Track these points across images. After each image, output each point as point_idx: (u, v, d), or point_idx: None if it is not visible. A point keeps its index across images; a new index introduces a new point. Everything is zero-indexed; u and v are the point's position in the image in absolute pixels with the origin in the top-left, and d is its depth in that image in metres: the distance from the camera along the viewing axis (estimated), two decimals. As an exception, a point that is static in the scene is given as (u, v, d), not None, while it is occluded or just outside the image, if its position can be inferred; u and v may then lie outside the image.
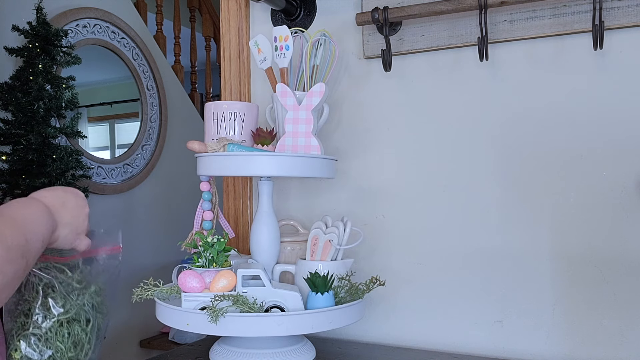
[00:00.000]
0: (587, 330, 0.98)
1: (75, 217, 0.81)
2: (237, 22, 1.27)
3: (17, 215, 0.68)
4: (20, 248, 0.64)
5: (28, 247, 0.66)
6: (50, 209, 0.76)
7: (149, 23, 3.15)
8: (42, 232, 0.71)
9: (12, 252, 0.62)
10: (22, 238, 0.65)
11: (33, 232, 0.69)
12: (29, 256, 0.66)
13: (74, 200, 0.82)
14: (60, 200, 0.79)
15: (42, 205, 0.74)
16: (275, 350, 0.92)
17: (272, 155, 0.92)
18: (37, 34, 2.08)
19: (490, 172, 1.05)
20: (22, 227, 0.67)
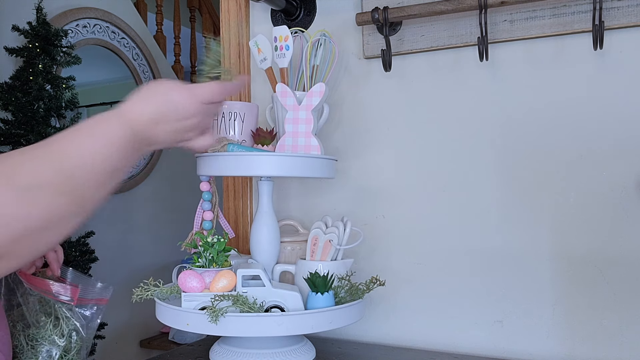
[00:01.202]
0: (587, 330, 0.98)
1: (174, 122, 0.66)
2: (237, 22, 1.27)
3: (53, 144, 0.57)
4: (52, 183, 0.54)
5: (71, 182, 0.55)
6: (133, 125, 0.62)
7: (149, 23, 3.15)
8: (104, 162, 0.59)
9: (35, 191, 0.53)
10: (53, 173, 0.55)
11: (79, 163, 0.57)
12: (79, 191, 0.56)
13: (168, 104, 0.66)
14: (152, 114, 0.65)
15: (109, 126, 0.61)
16: (275, 350, 0.92)
17: (272, 155, 0.92)
18: (37, 34, 2.08)
19: (490, 172, 1.05)
20: (56, 159, 0.56)
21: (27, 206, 0.52)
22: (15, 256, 0.54)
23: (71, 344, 0.85)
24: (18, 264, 0.56)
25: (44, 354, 0.82)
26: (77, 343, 0.86)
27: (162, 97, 0.67)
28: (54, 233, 0.56)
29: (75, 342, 0.85)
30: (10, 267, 0.56)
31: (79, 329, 0.86)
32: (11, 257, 0.54)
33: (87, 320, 0.89)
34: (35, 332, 0.82)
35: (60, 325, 0.84)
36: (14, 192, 0.52)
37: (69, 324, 0.85)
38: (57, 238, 0.57)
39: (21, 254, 0.55)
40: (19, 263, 0.56)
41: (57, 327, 0.84)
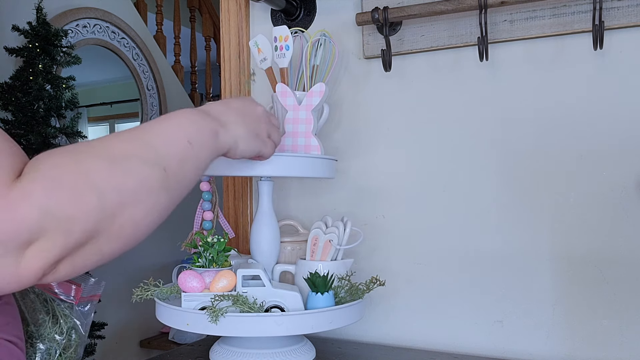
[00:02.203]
0: (587, 330, 0.98)
1: (246, 115, 0.74)
2: (237, 22, 1.27)
3: (138, 127, 0.60)
4: (138, 156, 0.55)
5: (154, 152, 0.57)
6: (205, 110, 0.67)
7: (149, 23, 3.15)
8: (182, 134, 0.61)
9: (123, 162, 0.54)
10: (139, 145, 0.57)
11: (162, 136, 0.59)
12: (163, 163, 0.57)
13: (238, 101, 0.74)
14: (220, 104, 0.71)
15: (185, 111, 0.64)
16: (275, 350, 0.92)
17: (272, 155, 0.92)
18: (37, 34, 2.08)
19: (490, 172, 1.05)
20: (140, 132, 0.58)
21: (119, 175, 0.52)
22: (114, 236, 0.53)
23: (70, 341, 0.85)
24: (118, 248, 0.54)
25: (43, 351, 0.82)
26: (75, 341, 0.86)
27: (234, 98, 0.77)
28: (147, 211, 0.55)
29: (74, 339, 0.86)
30: (112, 250, 0.54)
31: (78, 327, 0.86)
32: (109, 237, 0.52)
33: (84, 316, 0.89)
34: (34, 329, 0.82)
35: (59, 323, 0.84)
36: (106, 162, 0.52)
37: (67, 322, 0.85)
38: (150, 219, 0.56)
39: (118, 234, 0.53)
40: (119, 247, 0.54)
41: (57, 325, 0.84)
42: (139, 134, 0.59)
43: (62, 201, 0.48)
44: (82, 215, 0.49)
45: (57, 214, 0.47)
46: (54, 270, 0.49)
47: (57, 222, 0.47)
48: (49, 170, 0.49)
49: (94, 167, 0.51)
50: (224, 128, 0.69)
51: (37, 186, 0.47)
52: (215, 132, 0.67)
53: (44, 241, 0.47)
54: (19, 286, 0.48)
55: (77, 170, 0.50)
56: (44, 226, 0.47)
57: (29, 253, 0.47)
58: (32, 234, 0.46)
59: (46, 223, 0.47)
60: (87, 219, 0.49)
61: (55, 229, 0.47)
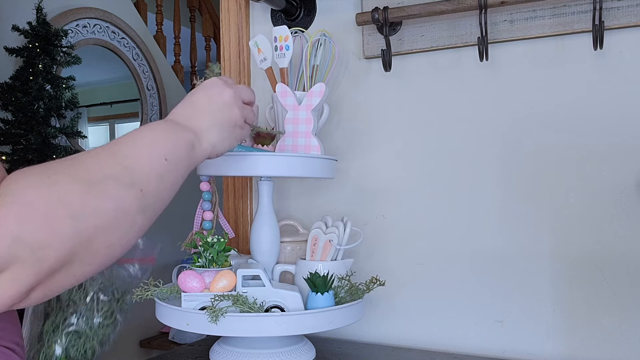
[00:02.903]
0: (587, 330, 0.98)
1: (216, 112, 0.70)
2: (237, 22, 1.27)
3: (111, 144, 0.57)
4: (114, 178, 0.53)
5: (131, 172, 0.55)
6: (175, 120, 0.65)
7: (149, 23, 3.15)
8: (158, 152, 0.59)
9: (100, 185, 0.52)
10: (115, 166, 0.54)
11: (137, 155, 0.57)
12: (140, 184, 0.55)
13: (204, 96, 0.71)
14: (187, 108, 0.69)
15: (157, 126, 0.62)
16: (275, 350, 0.92)
17: (272, 155, 0.92)
18: (37, 34, 2.08)
19: (490, 172, 1.05)
20: (116, 153, 0.56)
21: (94, 199, 0.50)
22: (88, 261, 0.51)
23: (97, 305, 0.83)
24: (92, 270, 0.53)
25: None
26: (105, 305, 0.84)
27: (197, 92, 0.72)
28: (122, 234, 0.54)
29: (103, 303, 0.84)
30: (85, 273, 0.52)
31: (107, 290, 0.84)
32: (84, 262, 0.50)
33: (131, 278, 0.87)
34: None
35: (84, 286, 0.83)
36: (81, 185, 0.50)
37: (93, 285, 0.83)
38: (125, 241, 0.55)
39: (93, 258, 0.51)
40: (92, 269, 0.53)
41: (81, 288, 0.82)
42: (114, 152, 0.57)
43: (35, 228, 0.45)
44: (56, 243, 0.47)
45: (29, 242, 0.45)
46: (26, 298, 0.47)
47: (29, 251, 0.45)
48: (21, 192, 0.47)
49: (69, 190, 0.49)
50: (198, 139, 0.67)
51: (10, 212, 0.45)
52: (190, 144, 0.65)
53: (15, 270, 0.45)
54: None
55: (53, 196, 0.48)
56: (15, 254, 0.44)
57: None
58: (2, 262, 0.44)
59: (18, 251, 0.44)
60: (62, 246, 0.47)
61: (28, 257, 0.45)
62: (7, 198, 0.46)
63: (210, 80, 0.74)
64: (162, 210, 0.62)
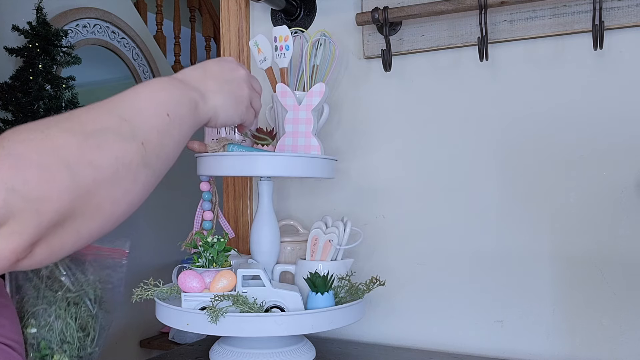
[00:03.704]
0: (587, 330, 0.98)
1: (226, 82, 0.69)
2: (237, 22, 1.27)
3: (109, 100, 0.56)
4: (112, 130, 0.52)
5: (130, 125, 0.53)
6: (182, 79, 0.64)
7: (149, 23, 3.15)
8: (161, 107, 0.58)
9: (97, 137, 0.50)
10: (113, 118, 0.53)
11: (138, 109, 0.56)
12: (141, 137, 0.53)
13: (216, 65, 0.70)
14: (198, 70, 0.67)
15: (160, 81, 0.61)
16: (275, 350, 0.92)
17: (272, 155, 0.92)
18: (37, 34, 2.08)
19: (490, 172, 1.05)
20: (114, 106, 0.55)
21: (92, 150, 0.49)
22: (91, 216, 0.50)
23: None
24: (98, 228, 0.51)
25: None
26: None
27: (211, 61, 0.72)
28: (125, 189, 0.52)
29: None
30: (91, 231, 0.51)
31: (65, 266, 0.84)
32: (87, 217, 0.49)
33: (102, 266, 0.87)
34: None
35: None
36: (78, 137, 0.49)
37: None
38: (130, 197, 0.53)
39: (96, 213, 0.50)
40: (98, 227, 0.51)
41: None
42: (112, 107, 0.55)
43: (31, 180, 0.44)
44: (53, 194, 0.46)
45: (26, 194, 0.44)
46: (29, 255, 0.46)
47: (27, 202, 0.44)
48: (15, 146, 0.46)
49: (65, 142, 0.48)
50: (203, 98, 0.65)
51: (3, 164, 0.44)
52: (194, 103, 0.64)
53: (13, 223, 0.44)
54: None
55: (47, 148, 0.47)
56: (12, 207, 0.43)
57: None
58: (0, 216, 0.43)
59: (15, 203, 0.43)
60: (60, 198, 0.46)
61: (26, 209, 0.44)
62: (1, 150, 0.45)
63: (226, 57, 0.74)
64: (167, 170, 0.60)
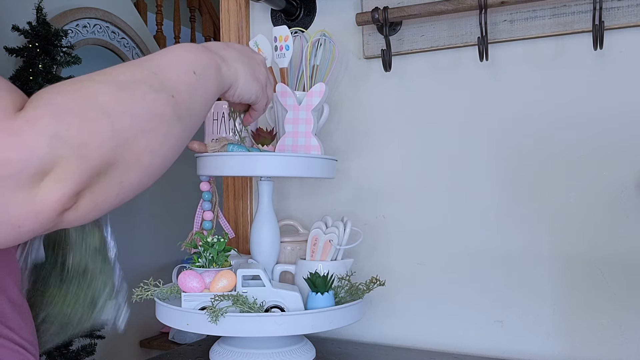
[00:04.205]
0: (587, 330, 0.98)
1: (246, 56, 0.73)
2: (237, 22, 1.27)
3: (138, 59, 0.58)
4: (144, 82, 0.53)
5: (160, 79, 0.55)
6: (206, 46, 0.66)
7: (149, 23, 3.15)
8: (187, 65, 0.60)
9: (131, 87, 0.52)
10: (144, 72, 0.54)
11: (167, 65, 0.57)
12: (171, 90, 0.55)
13: (239, 45, 0.74)
14: (220, 43, 0.71)
15: (186, 45, 0.63)
16: (275, 350, 0.92)
17: (272, 155, 0.92)
18: (37, 34, 2.08)
19: (490, 172, 1.05)
20: (143, 62, 0.56)
21: (127, 99, 0.50)
22: (132, 165, 0.50)
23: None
24: (138, 178, 0.52)
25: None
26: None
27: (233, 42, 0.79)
28: (161, 139, 0.53)
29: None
30: (132, 181, 0.51)
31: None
32: (128, 166, 0.49)
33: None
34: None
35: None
36: (112, 87, 0.50)
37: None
38: (166, 148, 0.54)
39: (137, 162, 0.50)
40: (138, 177, 0.52)
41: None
42: (142, 63, 0.56)
43: (72, 126, 0.45)
44: (95, 140, 0.46)
45: (69, 140, 0.44)
46: (74, 206, 0.46)
47: (70, 148, 0.44)
48: (53, 97, 0.46)
49: (101, 92, 0.49)
50: (226, 63, 0.68)
51: (44, 113, 0.44)
52: (217, 66, 0.66)
53: (59, 170, 0.44)
54: (38, 225, 0.44)
55: (85, 96, 0.48)
56: (56, 153, 0.43)
57: (44, 185, 0.43)
58: (45, 163, 0.43)
59: (59, 149, 0.43)
60: (102, 144, 0.46)
61: (70, 155, 0.44)
62: (40, 102, 0.45)
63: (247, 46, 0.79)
64: (197, 127, 0.62)
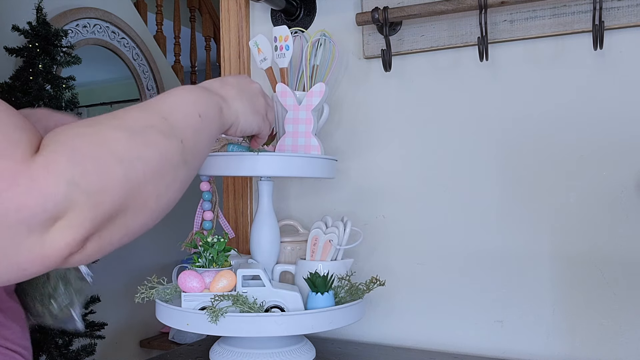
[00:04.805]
0: (587, 330, 0.98)
1: (244, 91, 0.74)
2: (237, 22, 1.27)
3: (145, 102, 0.59)
4: (155, 127, 0.54)
5: (170, 124, 0.56)
6: (204, 87, 0.68)
7: (149, 23, 3.15)
8: (193, 108, 0.61)
9: (142, 133, 0.52)
10: (154, 117, 0.55)
11: (174, 110, 0.59)
12: (179, 135, 0.56)
13: (233, 78, 0.76)
14: (217, 81, 0.72)
15: (187, 87, 0.64)
16: (275, 350, 0.92)
17: (272, 155, 0.92)
18: (37, 34, 2.08)
19: (490, 172, 1.05)
20: (153, 107, 0.57)
21: (139, 146, 0.51)
22: (139, 210, 0.51)
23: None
24: (141, 223, 0.53)
25: None
26: None
27: (227, 76, 0.79)
28: (168, 184, 0.54)
29: None
30: (135, 226, 0.52)
31: None
32: (135, 211, 0.50)
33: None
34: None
35: None
36: (125, 133, 0.51)
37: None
38: (171, 193, 0.55)
39: (143, 207, 0.51)
40: (142, 222, 0.53)
41: None
42: (149, 108, 0.57)
43: (88, 172, 0.45)
44: (109, 187, 0.46)
45: (84, 186, 0.44)
46: (81, 249, 0.46)
47: (86, 195, 0.44)
48: (69, 140, 0.46)
49: (114, 137, 0.49)
50: (226, 103, 0.69)
51: (61, 157, 0.44)
52: (219, 107, 0.67)
53: (71, 215, 0.44)
54: (43, 268, 0.45)
55: (99, 141, 0.48)
56: (72, 199, 0.43)
57: (54, 230, 0.43)
58: (60, 209, 0.43)
59: (75, 195, 0.43)
60: (115, 191, 0.47)
61: (84, 202, 0.44)
62: (57, 145, 0.45)
63: (241, 74, 0.81)
64: (199, 167, 0.63)
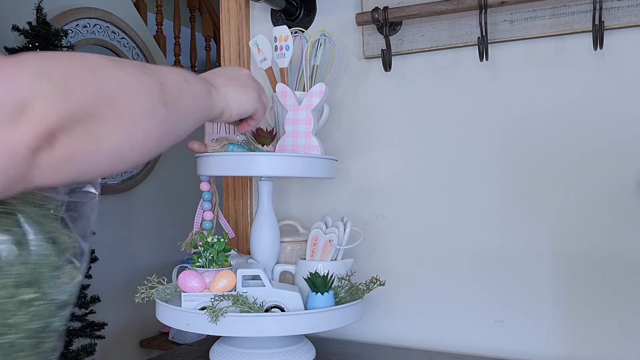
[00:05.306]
0: (587, 330, 0.98)
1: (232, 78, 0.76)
2: (237, 22, 1.27)
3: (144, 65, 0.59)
4: (134, 64, 0.55)
5: (151, 68, 0.57)
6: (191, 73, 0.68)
7: (149, 23, 3.15)
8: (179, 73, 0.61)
9: (121, 63, 0.54)
10: (134, 63, 0.56)
11: (160, 68, 0.59)
12: (160, 79, 0.57)
13: (223, 68, 0.78)
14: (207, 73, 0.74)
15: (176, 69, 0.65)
16: (275, 350, 0.92)
17: (272, 155, 0.92)
18: (37, 34, 2.08)
19: (490, 172, 1.05)
20: (133, 62, 0.57)
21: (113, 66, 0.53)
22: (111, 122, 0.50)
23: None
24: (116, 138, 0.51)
25: None
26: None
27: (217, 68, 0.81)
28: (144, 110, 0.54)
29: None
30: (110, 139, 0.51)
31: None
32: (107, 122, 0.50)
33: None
34: None
35: None
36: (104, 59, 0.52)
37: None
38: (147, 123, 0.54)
39: (116, 121, 0.51)
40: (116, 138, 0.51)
41: None
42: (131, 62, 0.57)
43: (59, 69, 0.47)
44: (77, 84, 0.47)
45: (53, 78, 0.46)
46: (50, 147, 0.45)
47: (52, 85, 0.45)
48: (44, 52, 0.49)
49: (92, 59, 0.51)
50: (215, 89, 0.71)
51: (33, 57, 0.46)
52: (208, 91, 0.69)
53: (38, 105, 0.44)
54: (12, 164, 0.43)
55: (70, 57, 0.50)
56: (38, 89, 0.44)
57: (22, 121, 0.43)
58: (27, 97, 0.43)
59: (42, 85, 0.44)
60: (83, 89, 0.48)
61: (50, 91, 0.45)
62: (31, 53, 0.48)
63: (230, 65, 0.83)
64: (183, 133, 0.62)
